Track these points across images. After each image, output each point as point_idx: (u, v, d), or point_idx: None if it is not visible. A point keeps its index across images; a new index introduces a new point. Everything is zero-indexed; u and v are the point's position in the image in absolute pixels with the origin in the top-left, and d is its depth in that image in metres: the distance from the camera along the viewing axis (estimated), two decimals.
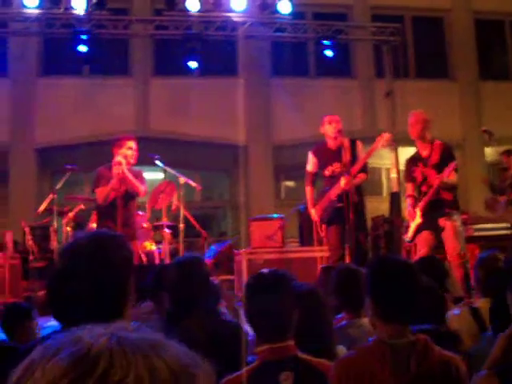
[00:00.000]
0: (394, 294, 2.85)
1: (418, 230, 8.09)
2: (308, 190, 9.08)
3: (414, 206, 8.20)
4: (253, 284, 3.15)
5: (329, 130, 8.68)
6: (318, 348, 3.16)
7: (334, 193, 8.50)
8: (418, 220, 8.05)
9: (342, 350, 3.60)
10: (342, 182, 8.20)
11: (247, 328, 3.55)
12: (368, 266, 3.14)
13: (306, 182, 9.19)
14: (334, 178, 8.52)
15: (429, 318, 3.56)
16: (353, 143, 8.61)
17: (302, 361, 2.93)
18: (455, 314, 4.57)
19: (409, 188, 8.41)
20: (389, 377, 2.67)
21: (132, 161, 8.33)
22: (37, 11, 11.75)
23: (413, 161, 8.35)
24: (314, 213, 8.88)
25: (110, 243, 2.41)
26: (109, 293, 2.31)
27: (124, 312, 2.37)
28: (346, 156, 8.31)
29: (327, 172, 8.72)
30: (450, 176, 7.81)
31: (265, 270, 3.20)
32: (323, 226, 8.93)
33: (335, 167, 8.59)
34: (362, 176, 8.52)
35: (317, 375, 2.82)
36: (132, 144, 8.35)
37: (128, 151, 8.26)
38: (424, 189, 8.09)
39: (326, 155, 8.76)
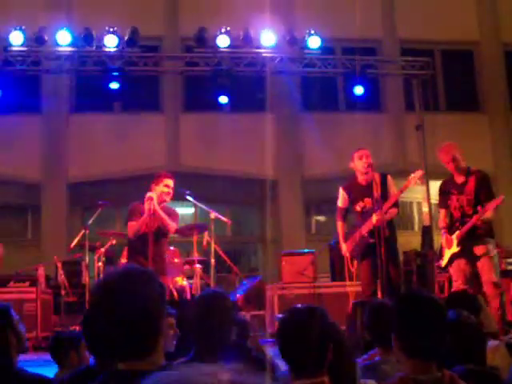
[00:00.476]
0: (419, 330, 2.81)
1: (453, 258, 8.02)
2: (339, 225, 9.04)
3: (448, 233, 8.14)
4: (287, 319, 3.13)
5: (359, 164, 8.65)
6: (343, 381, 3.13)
7: (365, 228, 8.45)
8: (455, 249, 7.98)
9: (372, 383, 3.56)
10: (374, 218, 8.15)
11: (280, 363, 3.53)
12: (394, 301, 3.11)
13: (336, 217, 9.15)
14: (365, 214, 8.49)
15: (469, 357, 3.50)
16: (383, 178, 8.58)
17: None
18: (491, 349, 4.49)
19: (442, 214, 8.36)
20: None
21: (168, 198, 8.37)
22: (70, 49, 11.92)
23: (447, 187, 8.30)
24: (345, 248, 8.83)
25: (141, 278, 2.42)
26: (141, 328, 2.31)
27: (157, 348, 2.37)
28: (377, 191, 8.28)
29: (358, 207, 8.69)
30: (489, 212, 7.79)
31: (298, 305, 3.19)
32: (355, 262, 8.88)
33: (366, 202, 8.55)
34: (393, 211, 8.47)
35: None
36: (169, 182, 8.40)
37: (164, 188, 8.32)
38: (458, 216, 8.04)
39: (357, 190, 8.72)
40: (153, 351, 2.35)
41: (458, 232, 8.01)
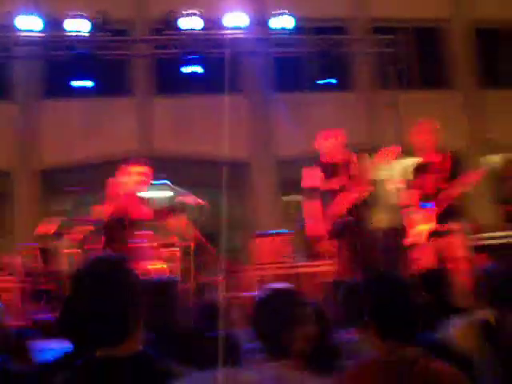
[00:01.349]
0: (389, 311, 2.82)
1: (428, 235, 8.09)
2: (313, 203, 9.06)
3: (423, 210, 8.20)
4: (262, 300, 3.14)
5: (328, 145, 8.70)
6: (324, 363, 3.16)
7: (339, 207, 8.48)
8: (430, 225, 8.04)
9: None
10: (348, 196, 8.19)
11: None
12: (366, 282, 3.12)
13: (310, 196, 9.17)
14: (337, 193, 8.52)
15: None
16: (356, 157, 8.64)
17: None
18: (458, 325, 4.52)
19: (416, 192, 8.42)
20: None
21: (144, 187, 8.28)
22: (39, 34, 11.81)
23: (422, 166, 8.37)
24: (320, 227, 8.86)
25: (117, 266, 2.44)
26: (118, 316, 2.33)
27: (134, 334, 2.40)
28: (350, 170, 8.33)
29: (332, 186, 8.72)
30: (465, 186, 7.86)
31: (273, 285, 3.20)
32: (331, 241, 8.91)
33: (339, 181, 8.59)
34: (367, 190, 8.52)
35: None
36: (140, 169, 8.31)
37: (136, 177, 8.24)
38: (432, 193, 8.11)
39: (329, 170, 8.76)
40: (130, 338, 2.37)
41: (433, 209, 8.06)
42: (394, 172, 10.72)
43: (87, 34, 11.81)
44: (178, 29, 12.28)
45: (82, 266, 2.52)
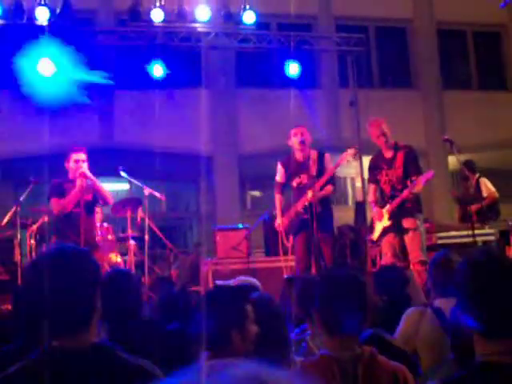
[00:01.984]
0: (338, 307, 2.83)
1: (384, 232, 8.16)
2: (277, 198, 9.12)
3: (379, 207, 8.27)
4: (210, 296, 3.14)
5: (294, 141, 8.78)
6: (274, 357, 3.15)
7: (300, 204, 8.55)
8: (386, 222, 8.12)
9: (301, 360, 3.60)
10: (309, 194, 8.25)
11: None
12: (315, 278, 3.13)
13: (274, 191, 9.22)
14: (301, 190, 8.59)
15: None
16: (321, 155, 8.72)
17: None
18: (415, 313, 4.56)
19: (371, 189, 8.50)
20: None
21: (84, 170, 8.13)
22: (1, 22, 11.66)
23: (376, 162, 8.44)
24: (280, 222, 8.91)
25: (74, 257, 2.43)
26: (74, 306, 2.33)
27: (90, 325, 2.40)
28: (313, 168, 8.41)
29: (294, 183, 8.79)
30: (418, 187, 7.93)
31: (219, 281, 3.21)
32: (290, 237, 8.96)
33: (302, 179, 8.66)
34: (328, 188, 8.58)
35: None
36: (78, 156, 8.22)
37: (72, 164, 8.15)
38: (387, 190, 8.17)
39: (294, 166, 8.83)
40: (86, 329, 2.38)
41: (388, 206, 8.14)
42: (356, 170, 10.74)
43: (49, 23, 11.66)
44: (143, 21, 12.20)
45: (38, 256, 2.51)
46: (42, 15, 11.51)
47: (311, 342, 4.18)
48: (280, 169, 9.11)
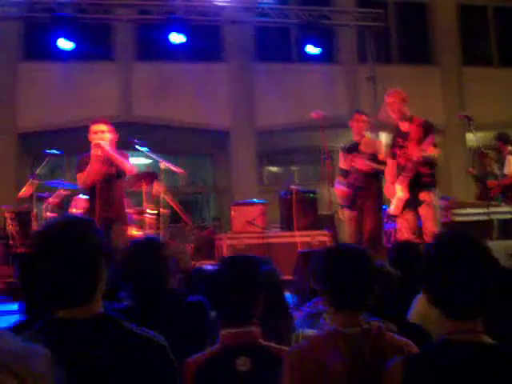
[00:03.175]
0: (345, 281, 2.82)
1: (402, 205, 8.13)
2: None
3: (393, 182, 8.25)
4: (219, 268, 3.15)
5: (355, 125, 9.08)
6: (276, 327, 3.18)
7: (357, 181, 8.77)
8: (401, 194, 8.07)
9: (311, 333, 3.61)
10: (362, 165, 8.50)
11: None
12: (320, 254, 3.11)
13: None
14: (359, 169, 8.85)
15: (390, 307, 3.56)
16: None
17: (262, 347, 2.94)
18: (419, 298, 4.53)
19: (390, 165, 8.47)
20: (342, 366, 2.67)
21: (103, 142, 8.12)
22: None
23: (393, 137, 8.43)
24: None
25: (80, 227, 2.43)
26: (78, 277, 2.33)
27: (95, 296, 2.39)
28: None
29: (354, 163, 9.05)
30: (428, 149, 7.86)
31: (234, 255, 3.21)
32: (344, 211, 9.11)
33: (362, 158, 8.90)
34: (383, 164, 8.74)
35: (276, 362, 2.81)
36: (97, 127, 8.19)
37: (94, 135, 8.13)
38: (402, 162, 8.13)
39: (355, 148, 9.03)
40: (91, 299, 2.37)
41: (400, 177, 8.09)
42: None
43: None
44: None
45: (43, 227, 2.51)
46: None
47: (328, 317, 4.19)
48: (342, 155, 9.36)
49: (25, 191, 10.65)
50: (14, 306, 4.85)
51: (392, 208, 8.25)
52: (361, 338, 2.71)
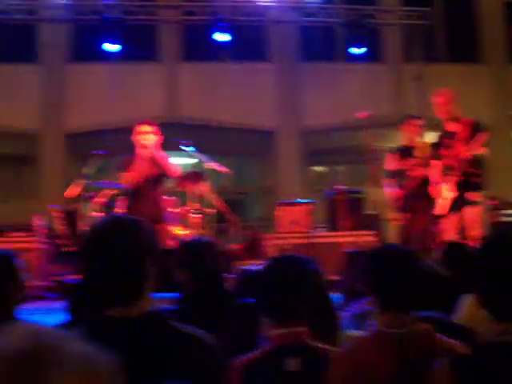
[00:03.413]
0: (391, 282, 2.80)
1: (451, 206, 8.06)
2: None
3: (438, 183, 8.19)
4: (268, 268, 3.14)
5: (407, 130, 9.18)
6: (322, 328, 3.17)
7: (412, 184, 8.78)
8: (449, 195, 8.01)
9: (357, 334, 3.60)
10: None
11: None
12: (367, 254, 3.09)
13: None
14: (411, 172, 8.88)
15: (437, 307, 3.52)
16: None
17: (311, 347, 2.92)
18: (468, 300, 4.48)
19: (436, 167, 8.40)
20: (388, 367, 2.65)
21: (147, 143, 8.16)
22: None
23: (440, 138, 8.36)
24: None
25: (128, 226, 2.44)
26: (126, 276, 2.34)
27: (143, 294, 2.40)
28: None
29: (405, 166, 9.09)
30: (476, 149, 7.80)
31: (281, 255, 3.21)
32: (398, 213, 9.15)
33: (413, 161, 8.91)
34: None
35: (324, 363, 2.80)
36: (143, 128, 8.24)
37: (139, 136, 8.17)
38: (449, 162, 8.06)
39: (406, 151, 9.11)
40: (139, 298, 2.38)
41: (450, 178, 8.03)
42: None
43: None
44: None
45: (92, 227, 2.53)
46: None
47: (374, 318, 4.16)
48: (392, 157, 9.41)
49: (72, 191, 10.75)
50: (63, 305, 4.89)
51: (438, 208, 8.19)
52: (407, 339, 2.68)
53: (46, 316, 6.07)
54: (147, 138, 8.09)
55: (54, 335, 1.08)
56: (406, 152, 8.99)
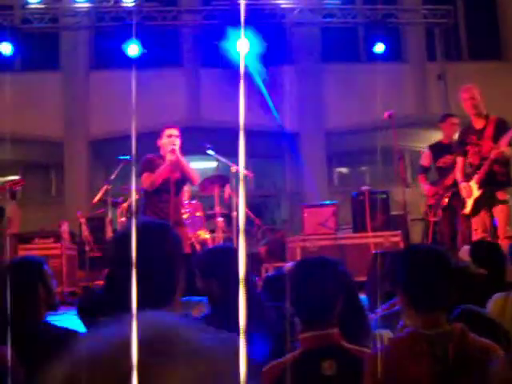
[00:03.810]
0: (426, 282, 2.76)
1: (476, 204, 7.99)
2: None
3: (466, 181, 8.11)
4: (297, 270, 3.12)
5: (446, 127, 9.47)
6: (354, 328, 3.14)
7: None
8: (477, 193, 7.95)
9: (388, 334, 3.57)
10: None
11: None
12: (397, 255, 3.06)
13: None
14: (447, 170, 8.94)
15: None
16: None
17: (344, 349, 2.90)
18: (499, 298, 4.43)
19: (459, 162, 8.33)
20: (425, 369, 2.61)
21: (175, 147, 8.16)
22: (87, 5, 11.90)
23: (465, 134, 8.28)
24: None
25: (156, 231, 2.44)
26: (156, 281, 2.33)
27: (172, 300, 2.40)
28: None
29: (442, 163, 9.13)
30: (504, 147, 7.72)
31: (309, 257, 3.19)
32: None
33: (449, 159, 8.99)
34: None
35: (359, 364, 2.77)
36: (171, 131, 8.22)
37: (166, 139, 8.16)
38: (476, 161, 8.00)
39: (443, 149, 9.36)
40: (168, 303, 2.37)
41: (476, 175, 7.96)
42: None
43: (135, 4, 11.84)
44: None
45: (119, 231, 2.53)
46: None
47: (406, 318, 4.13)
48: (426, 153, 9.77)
49: (99, 197, 10.82)
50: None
51: (467, 208, 8.12)
52: (444, 340, 2.65)
53: (74, 322, 6.09)
54: (175, 141, 8.07)
55: (179, 326, 1.08)
56: (443, 149, 9.07)
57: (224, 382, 1.02)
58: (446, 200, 8.94)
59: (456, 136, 8.92)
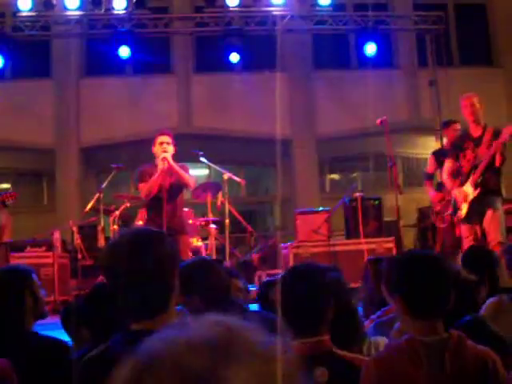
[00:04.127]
0: (422, 289, 2.75)
1: (470, 209, 7.99)
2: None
3: (460, 185, 8.11)
4: (286, 277, 3.10)
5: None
6: (346, 338, 3.12)
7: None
8: (473, 195, 7.96)
9: (383, 341, 3.56)
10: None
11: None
12: (394, 261, 3.05)
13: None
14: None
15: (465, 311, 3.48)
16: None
17: (337, 357, 2.87)
18: (493, 302, 4.44)
19: (448, 163, 8.34)
20: (422, 376, 2.60)
21: (168, 154, 8.14)
22: (78, 13, 11.88)
23: (461, 140, 8.31)
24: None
25: (151, 239, 2.43)
26: (152, 289, 2.32)
27: (169, 307, 2.39)
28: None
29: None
30: (498, 153, 7.75)
31: (299, 263, 3.17)
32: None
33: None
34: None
35: (352, 371, 2.75)
36: (163, 138, 8.21)
37: (157, 147, 8.15)
38: (468, 167, 8.03)
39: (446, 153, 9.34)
40: (165, 311, 2.36)
41: (471, 177, 7.97)
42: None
43: (126, 12, 11.83)
44: (219, 6, 12.26)
45: (113, 240, 2.51)
46: (120, 5, 11.68)
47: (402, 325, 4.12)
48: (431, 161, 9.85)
49: (91, 205, 10.77)
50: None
51: (463, 210, 8.13)
52: (441, 347, 2.63)
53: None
54: (167, 148, 8.07)
55: (240, 327, 1.08)
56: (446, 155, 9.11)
57: (283, 381, 1.02)
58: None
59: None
